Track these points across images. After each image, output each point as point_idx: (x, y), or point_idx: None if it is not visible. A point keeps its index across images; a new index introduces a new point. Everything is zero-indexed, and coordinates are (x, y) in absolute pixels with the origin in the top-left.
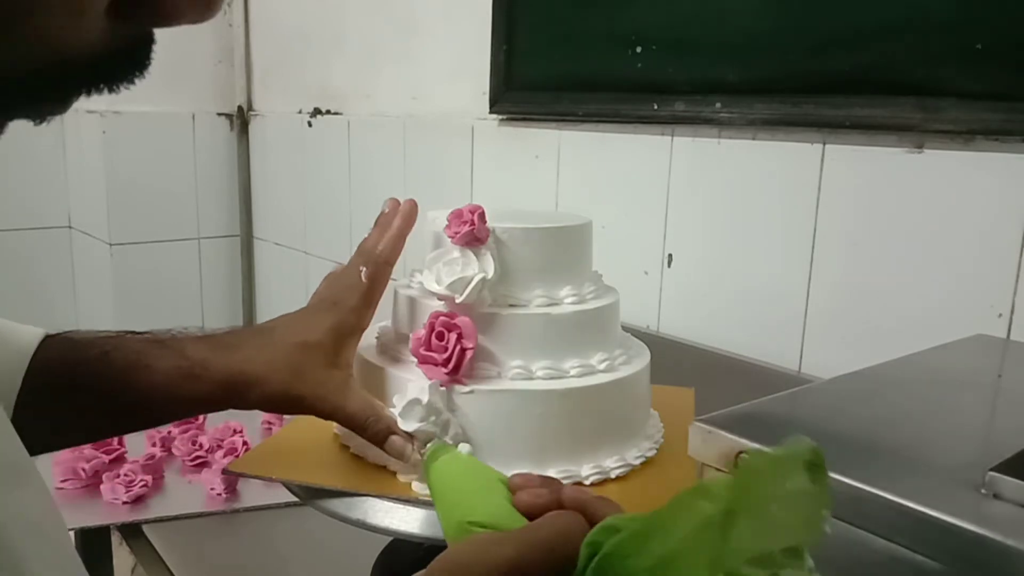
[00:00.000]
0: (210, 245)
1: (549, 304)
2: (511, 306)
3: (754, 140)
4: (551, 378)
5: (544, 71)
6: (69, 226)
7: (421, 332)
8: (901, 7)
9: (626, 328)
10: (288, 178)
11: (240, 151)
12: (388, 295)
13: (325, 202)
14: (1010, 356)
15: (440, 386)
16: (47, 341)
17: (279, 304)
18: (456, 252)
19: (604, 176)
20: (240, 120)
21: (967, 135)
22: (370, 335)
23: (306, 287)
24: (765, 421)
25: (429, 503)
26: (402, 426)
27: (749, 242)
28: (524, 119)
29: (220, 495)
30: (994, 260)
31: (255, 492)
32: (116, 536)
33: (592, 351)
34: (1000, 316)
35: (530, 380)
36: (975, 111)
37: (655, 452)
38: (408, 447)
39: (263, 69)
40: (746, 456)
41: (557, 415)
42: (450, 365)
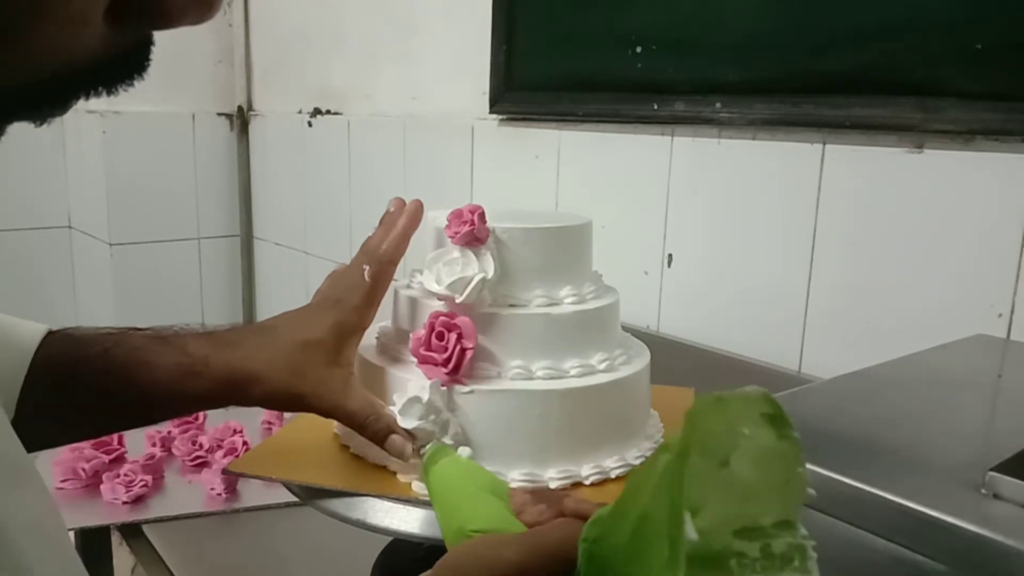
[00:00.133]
0: (210, 245)
1: (549, 304)
2: (511, 306)
3: (754, 140)
4: (551, 378)
5: (544, 71)
6: (69, 226)
7: (421, 332)
8: (901, 7)
9: (626, 328)
10: (288, 178)
11: (240, 151)
12: (388, 295)
13: (325, 202)
14: (1010, 356)
15: (440, 385)
16: (49, 338)
17: (279, 304)
18: (456, 252)
19: (604, 176)
20: (240, 120)
21: (967, 135)
22: (370, 335)
23: (306, 287)
24: None
25: (429, 503)
26: (401, 423)
27: (749, 242)
28: (524, 119)
29: (220, 495)
30: (994, 260)
31: (255, 492)
32: (116, 536)
33: (592, 351)
34: (1000, 316)
35: (530, 380)
36: (975, 111)
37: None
38: (408, 446)
39: (263, 69)
40: (696, 398)
41: (557, 415)
42: (450, 365)
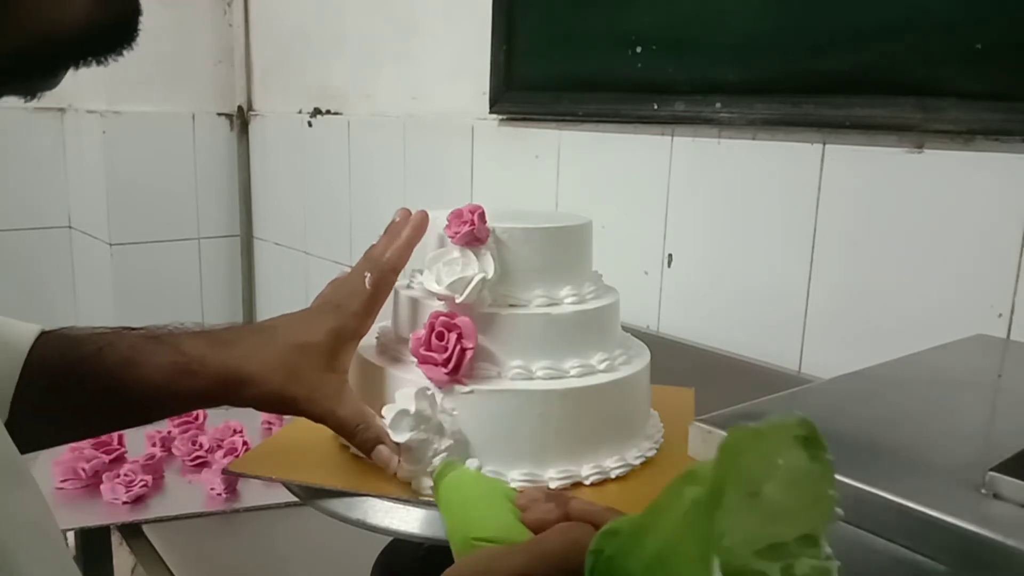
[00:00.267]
0: (210, 245)
1: (549, 304)
2: (511, 306)
3: (754, 140)
4: (551, 378)
5: (544, 71)
6: (69, 226)
7: (421, 332)
8: (901, 7)
9: (626, 328)
10: (288, 178)
11: (240, 151)
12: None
13: (325, 202)
14: (1010, 356)
15: (428, 390)
16: (43, 337)
17: (279, 304)
18: (456, 252)
19: (604, 176)
20: (240, 120)
21: (967, 135)
22: (370, 335)
23: (306, 287)
24: None
25: (429, 503)
26: (394, 438)
27: (749, 242)
28: (524, 119)
29: (220, 495)
30: (994, 260)
31: (255, 492)
32: (116, 536)
33: (592, 351)
34: (1000, 316)
35: (530, 380)
36: (975, 111)
37: (655, 452)
38: (394, 459)
39: (263, 69)
40: (730, 431)
41: (557, 415)
42: (450, 365)
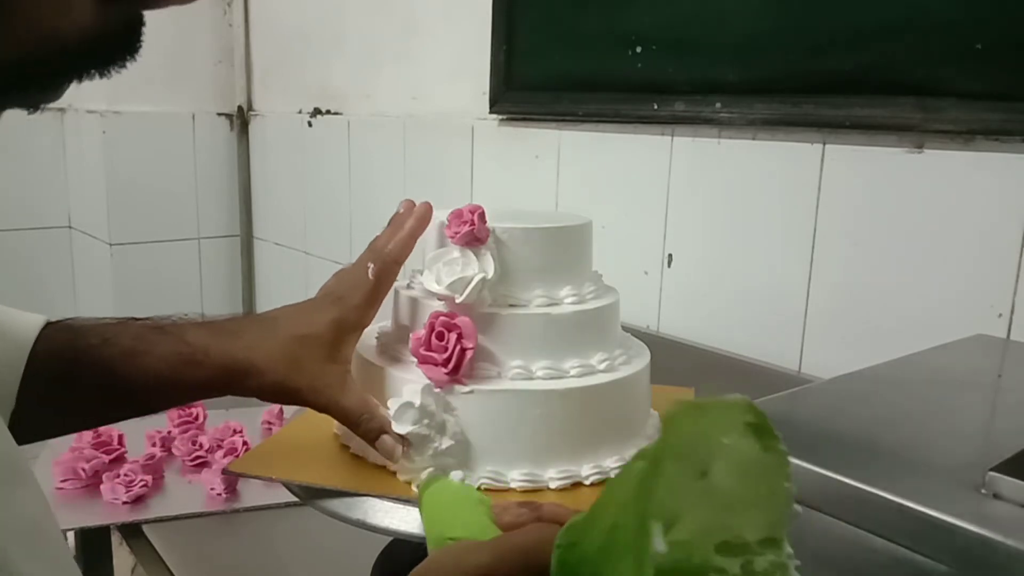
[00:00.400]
0: (210, 245)
1: (549, 304)
2: (511, 306)
3: (754, 140)
4: (551, 378)
5: (544, 71)
6: (69, 226)
7: (421, 332)
8: (901, 7)
9: (626, 328)
10: (288, 178)
11: (240, 151)
12: (389, 295)
13: (325, 202)
14: (1010, 356)
15: (435, 388)
16: (48, 329)
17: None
18: (456, 252)
19: (604, 176)
20: (240, 120)
21: (967, 135)
22: (370, 335)
23: (306, 287)
24: None
25: None
26: (396, 429)
27: (749, 242)
28: (524, 119)
29: (220, 495)
30: (994, 260)
31: (255, 492)
32: (116, 536)
33: (592, 351)
34: (1000, 316)
35: (530, 380)
36: (975, 111)
37: None
38: (398, 448)
39: (263, 69)
40: (673, 404)
41: (557, 415)
42: (450, 365)
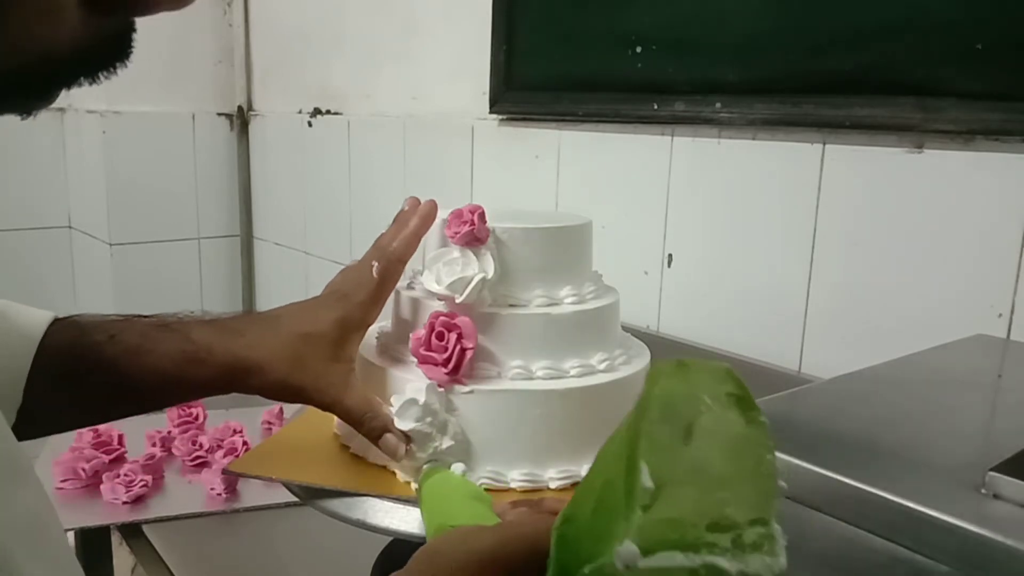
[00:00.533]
0: (210, 245)
1: (549, 304)
2: (511, 306)
3: (754, 140)
4: (551, 378)
5: (544, 71)
6: (69, 226)
7: (421, 332)
8: (901, 7)
9: (626, 328)
10: (288, 178)
11: (240, 151)
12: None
13: (325, 202)
14: (1010, 356)
15: (439, 386)
16: (55, 325)
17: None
18: (456, 252)
19: (604, 176)
20: (240, 120)
21: (967, 135)
22: (370, 335)
23: (306, 287)
24: None
25: None
26: (399, 425)
27: (749, 242)
28: (524, 119)
29: (220, 495)
30: (994, 260)
31: (255, 492)
32: (116, 536)
33: (592, 351)
34: (1000, 316)
35: (530, 380)
36: (975, 111)
37: None
38: (401, 447)
39: (263, 69)
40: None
41: (557, 415)
42: (450, 365)
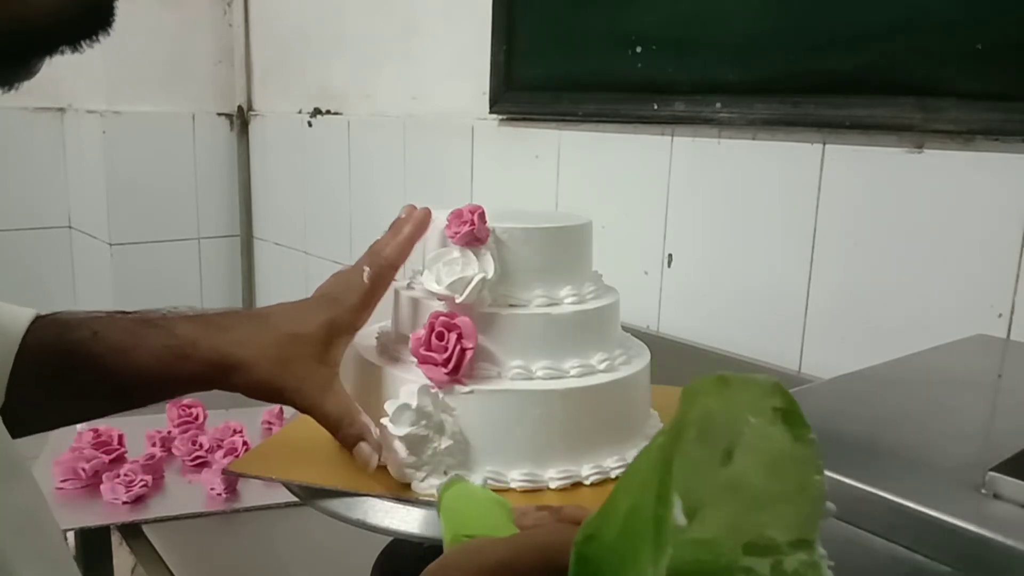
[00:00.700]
0: (210, 245)
1: (549, 304)
2: (511, 306)
3: (754, 140)
4: (551, 378)
5: (544, 71)
6: (69, 226)
7: (421, 332)
8: (901, 7)
9: (626, 328)
10: (288, 178)
11: (240, 151)
12: (388, 295)
13: (325, 202)
14: (1010, 356)
15: (432, 388)
16: (38, 321)
17: None
18: (456, 252)
19: (604, 176)
20: (240, 120)
21: (967, 135)
22: (370, 335)
23: (306, 287)
24: None
25: (429, 503)
26: (393, 431)
27: (749, 242)
28: (524, 119)
29: (220, 495)
30: (994, 260)
31: (255, 492)
32: (116, 536)
33: (592, 351)
34: (1000, 316)
35: (530, 380)
36: (975, 111)
37: None
38: (375, 457)
39: (263, 69)
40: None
41: (557, 415)
42: (450, 365)
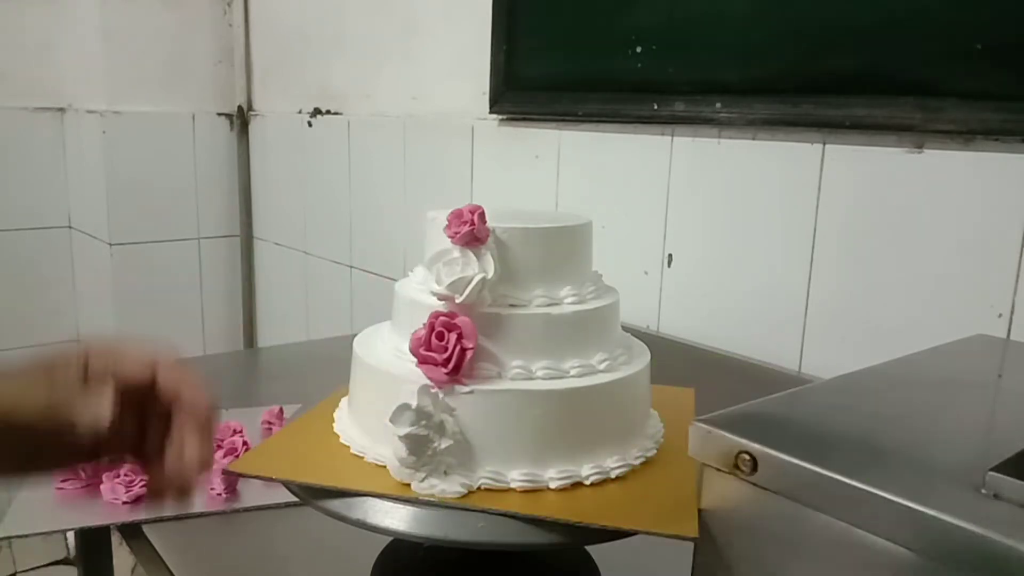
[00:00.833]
0: (210, 245)
1: (549, 304)
2: (511, 306)
3: (754, 140)
4: (551, 378)
5: (544, 71)
6: (69, 226)
7: (421, 332)
8: (901, 7)
9: (626, 328)
10: (288, 178)
11: (240, 151)
12: (388, 295)
13: (325, 202)
14: (1010, 356)
15: (433, 388)
16: None
17: (279, 304)
18: (456, 252)
19: (604, 176)
20: (240, 120)
21: (967, 135)
22: (371, 335)
23: (306, 287)
24: (765, 421)
25: (429, 503)
26: (394, 431)
27: (749, 242)
28: (524, 119)
29: (220, 495)
30: (994, 260)
31: (255, 492)
32: (116, 536)
33: (592, 351)
34: (1000, 316)
35: (530, 380)
36: (975, 111)
37: (655, 452)
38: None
39: (263, 69)
40: None
41: (557, 415)
42: (450, 365)
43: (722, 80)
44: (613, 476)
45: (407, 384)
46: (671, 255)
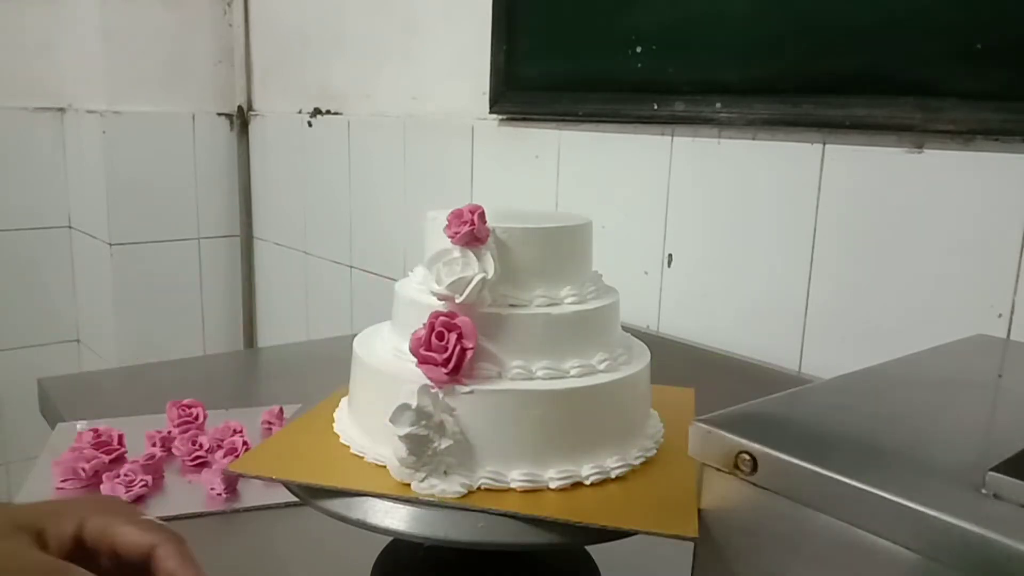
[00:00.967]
0: (210, 245)
1: (549, 304)
2: (511, 306)
3: (754, 140)
4: (551, 378)
5: (544, 71)
6: (69, 226)
7: (421, 332)
8: (901, 7)
9: (626, 328)
10: (288, 178)
11: (240, 151)
12: (388, 295)
13: (325, 202)
14: (1010, 356)
15: (433, 388)
16: None
17: (279, 304)
18: (456, 252)
19: (604, 176)
20: (240, 120)
21: (967, 135)
22: (371, 335)
23: (306, 287)
24: (765, 421)
25: (429, 503)
26: (394, 432)
27: (749, 242)
28: (524, 119)
29: (220, 495)
30: (994, 260)
31: (255, 492)
32: None
33: (592, 351)
34: (1000, 316)
35: (530, 380)
36: (975, 111)
37: (655, 452)
38: None
39: (263, 69)
40: None
41: (557, 415)
42: (450, 365)
43: (722, 80)
44: (613, 476)
45: (407, 384)
46: (671, 255)
